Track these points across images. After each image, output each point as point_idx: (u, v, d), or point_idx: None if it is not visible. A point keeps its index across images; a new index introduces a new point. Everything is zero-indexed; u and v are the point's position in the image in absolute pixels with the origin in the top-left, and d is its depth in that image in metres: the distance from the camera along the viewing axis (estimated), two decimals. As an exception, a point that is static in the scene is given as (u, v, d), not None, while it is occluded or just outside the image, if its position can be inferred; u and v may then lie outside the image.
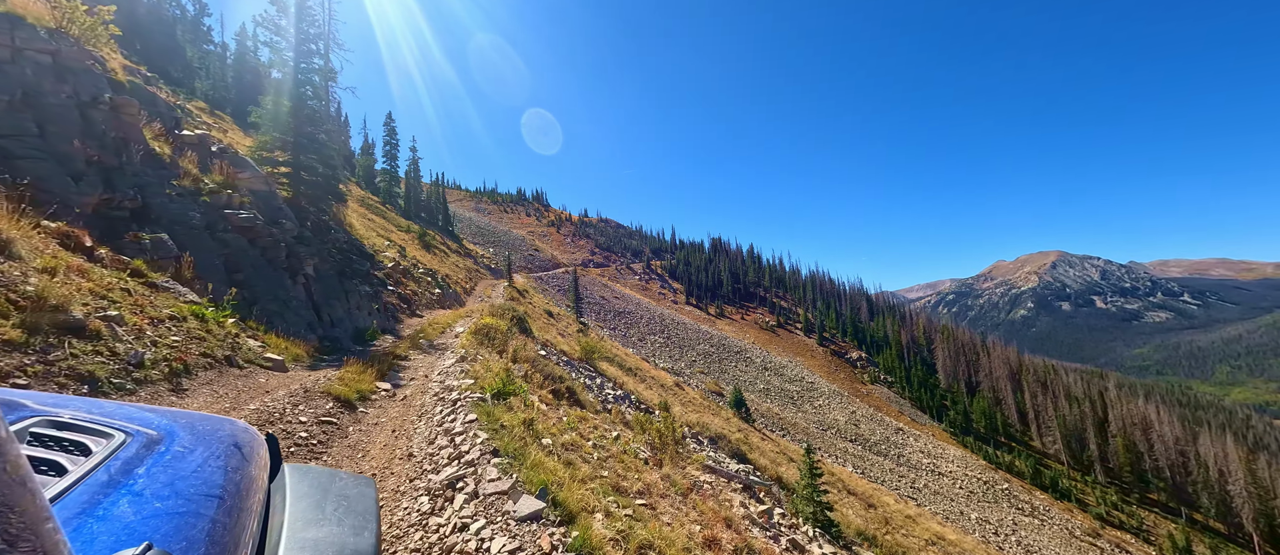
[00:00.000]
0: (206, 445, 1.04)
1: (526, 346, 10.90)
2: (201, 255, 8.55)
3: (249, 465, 1.07)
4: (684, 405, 19.81)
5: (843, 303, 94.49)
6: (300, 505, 1.14)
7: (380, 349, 10.75)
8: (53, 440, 0.86)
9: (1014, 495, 42.59)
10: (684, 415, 14.17)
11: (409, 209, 44.81)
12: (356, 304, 12.98)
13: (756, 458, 13.31)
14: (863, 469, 34.54)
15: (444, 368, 8.61)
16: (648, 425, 8.51)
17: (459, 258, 40.82)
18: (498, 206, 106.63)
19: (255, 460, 1.12)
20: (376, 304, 14.47)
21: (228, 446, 1.08)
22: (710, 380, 44.00)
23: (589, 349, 15.71)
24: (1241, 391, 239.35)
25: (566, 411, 7.69)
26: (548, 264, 76.36)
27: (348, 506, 1.15)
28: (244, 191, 10.91)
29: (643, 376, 21.64)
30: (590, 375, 13.35)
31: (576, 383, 10.11)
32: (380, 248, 21.37)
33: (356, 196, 31.65)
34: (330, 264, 12.52)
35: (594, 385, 11.92)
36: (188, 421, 1.14)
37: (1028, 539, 33.28)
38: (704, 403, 24.02)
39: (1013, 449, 57.37)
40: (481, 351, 9.50)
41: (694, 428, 13.46)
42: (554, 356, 12.74)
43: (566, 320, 28.74)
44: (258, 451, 1.18)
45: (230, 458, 1.04)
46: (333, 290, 12.02)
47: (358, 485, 1.25)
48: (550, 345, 13.77)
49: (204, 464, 0.96)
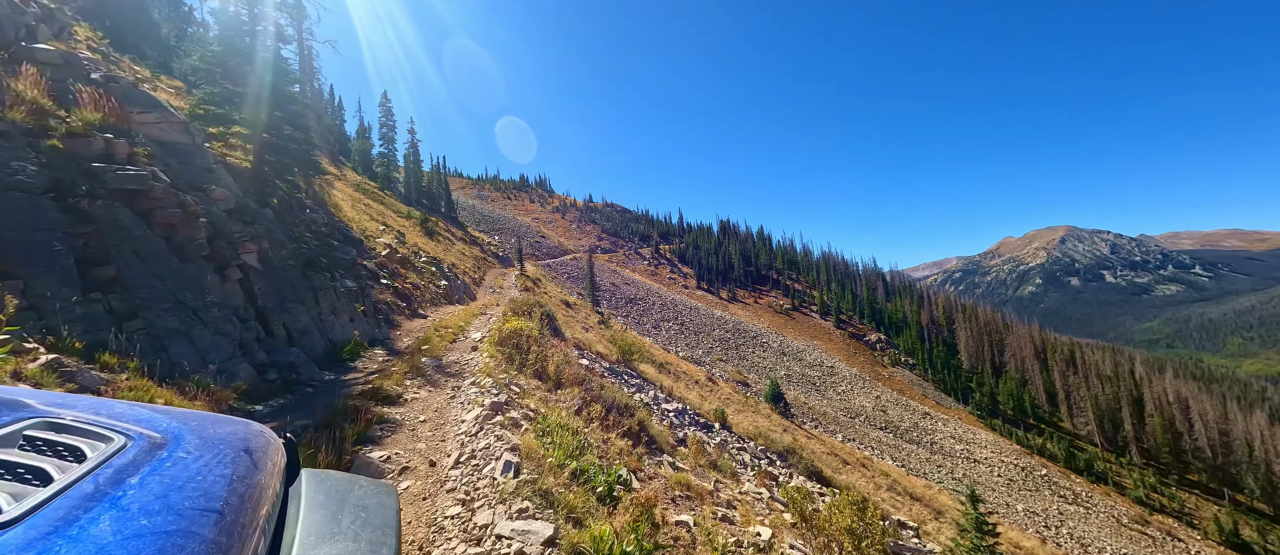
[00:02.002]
0: (214, 450, 0.93)
1: (569, 360, 8.60)
2: (25, 234, 5.47)
3: (258, 474, 0.96)
4: (722, 401, 17.62)
5: (857, 283, 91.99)
6: (315, 516, 1.01)
7: (361, 379, 7.74)
8: (47, 444, 0.78)
9: (1054, 482, 40.64)
10: (742, 423, 11.96)
11: (409, 195, 42.32)
12: (333, 306, 9.98)
13: (842, 478, 11.16)
14: (902, 460, 32.53)
15: (465, 427, 5.48)
16: (806, 509, 5.53)
17: (465, 245, 38.47)
18: (501, 193, 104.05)
19: (267, 468, 1.00)
20: (364, 304, 11.55)
21: (237, 452, 0.97)
22: (733, 369, 41.89)
23: (626, 350, 13.54)
24: (1253, 363, 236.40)
25: (663, 479, 5.32)
26: (555, 250, 74.10)
27: (366, 519, 1.03)
28: (140, 140, 7.63)
29: (675, 372, 19.41)
30: (631, 379, 11.12)
31: (638, 405, 7.84)
32: (373, 233, 18.78)
33: (352, 182, 29.18)
34: (293, 252, 9.59)
35: (655, 406, 9.64)
36: (199, 423, 1.03)
37: (1078, 530, 31.35)
38: (740, 398, 21.85)
39: (1043, 431, 55.36)
40: (516, 378, 7.22)
41: (755, 440, 11.25)
42: (588, 359, 10.47)
43: (584, 310, 26.50)
44: (272, 458, 1.06)
45: (238, 465, 0.93)
46: (293, 288, 8.94)
47: (378, 494, 1.12)
48: (584, 347, 11.50)
49: (206, 472, 0.85)
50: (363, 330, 10.63)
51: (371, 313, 11.76)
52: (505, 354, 8.34)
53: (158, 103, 8.82)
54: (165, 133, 8.39)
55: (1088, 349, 70.97)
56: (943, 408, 57.37)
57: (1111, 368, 62.68)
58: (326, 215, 13.56)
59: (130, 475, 0.75)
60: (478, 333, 10.96)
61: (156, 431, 0.93)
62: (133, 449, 0.83)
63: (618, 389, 7.92)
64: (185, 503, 0.74)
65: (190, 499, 0.76)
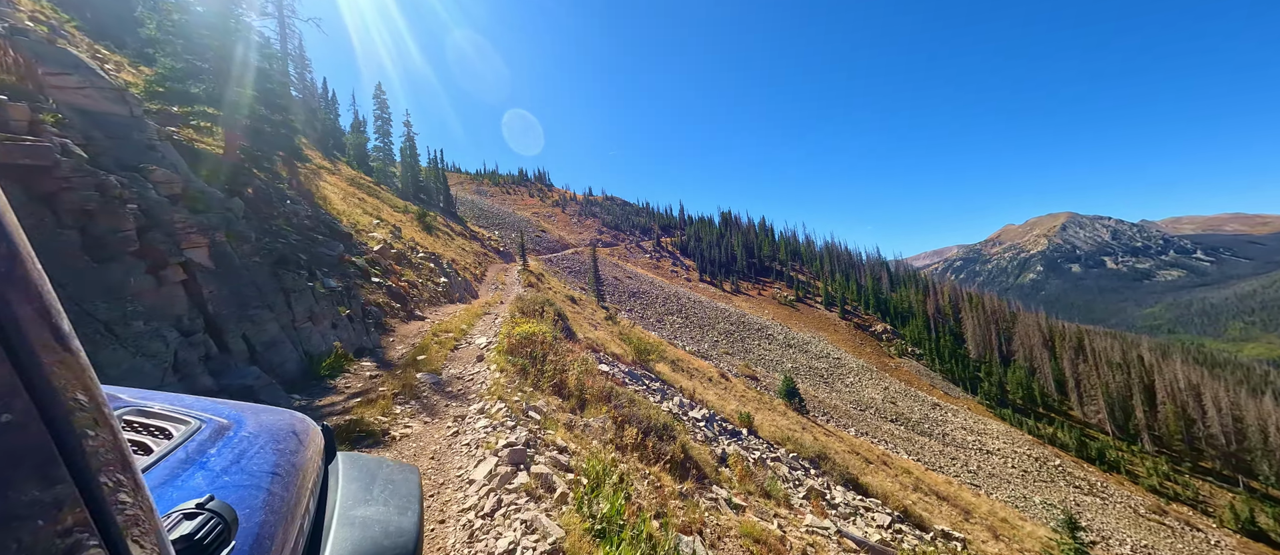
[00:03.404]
0: (268, 432, 1.16)
1: (590, 369, 7.67)
2: None
3: (304, 449, 1.18)
4: (739, 400, 16.79)
5: (862, 274, 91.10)
6: (351, 487, 1.23)
7: (339, 405, 6.48)
8: (142, 426, 1.01)
9: (1067, 472, 40.01)
10: (765, 425, 11.12)
11: (406, 190, 41.28)
12: (310, 311, 8.47)
13: (868, 479, 10.34)
14: (917, 454, 31.82)
15: (475, 494, 4.20)
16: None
17: (465, 241, 37.52)
18: (500, 188, 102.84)
19: (310, 446, 1.23)
20: (350, 307, 10.04)
21: (287, 433, 1.20)
22: (740, 363, 41.11)
23: (641, 349, 12.70)
24: (1255, 347, 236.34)
25: (731, 536, 4.29)
26: (555, 245, 73.13)
27: (393, 490, 1.23)
28: (51, 106, 6.35)
29: (687, 369, 18.55)
30: (650, 381, 10.25)
31: (675, 423, 6.86)
32: (365, 227, 17.74)
33: (346, 176, 28.17)
34: (260, 247, 8.14)
35: (684, 415, 8.74)
36: (253, 412, 1.27)
37: (1097, 522, 30.71)
38: (755, 395, 21.04)
39: (1053, 420, 54.76)
40: (533, 396, 6.23)
41: (784, 445, 10.42)
42: (606, 363, 9.61)
43: (590, 306, 25.63)
44: (313, 439, 1.28)
45: (288, 442, 1.15)
46: (259, 291, 7.49)
47: (402, 472, 1.34)
48: (599, 348, 10.61)
49: (265, 447, 1.08)
50: (348, 338, 9.26)
51: (360, 316, 10.37)
52: (517, 366, 7.27)
53: (82, 64, 7.26)
54: (91, 101, 6.94)
55: (1095, 336, 70.27)
56: (951, 398, 56.74)
57: (1120, 355, 61.96)
58: (312, 207, 12.46)
59: (209, 447, 0.99)
60: (483, 337, 9.90)
61: (221, 417, 1.15)
62: (206, 429, 1.06)
63: (649, 402, 6.92)
64: (252, 467, 0.97)
65: (256, 464, 0.99)
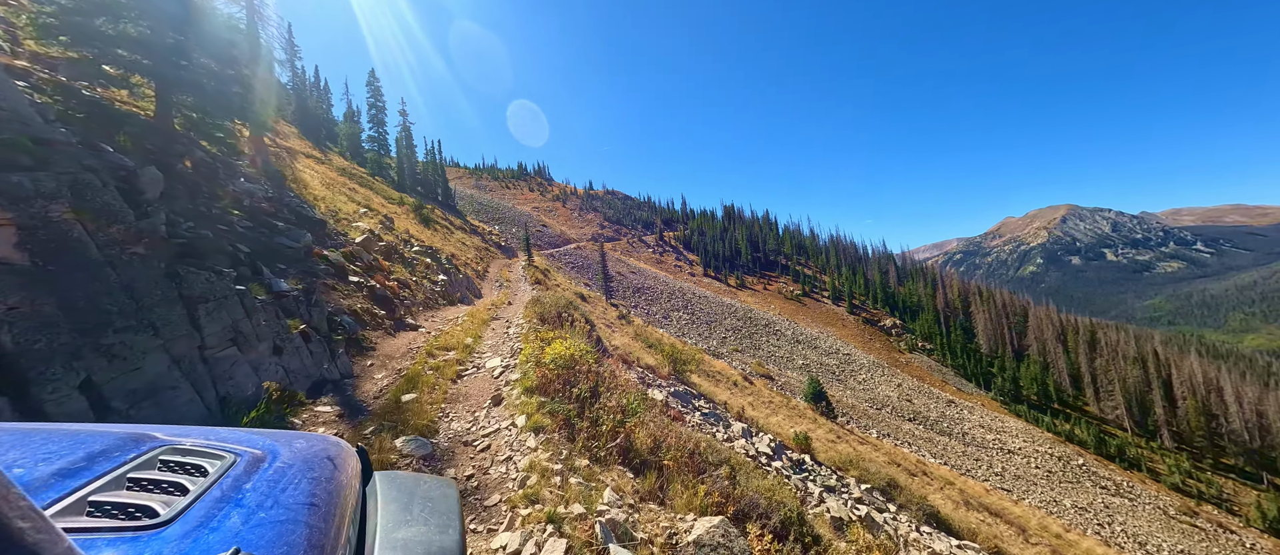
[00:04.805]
0: (303, 460, 1.14)
1: (649, 402, 5.75)
2: None
3: (340, 474, 1.16)
4: (766, 406, 15.20)
5: (868, 267, 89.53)
6: (390, 508, 1.21)
7: None
8: (177, 464, 0.99)
9: (1092, 472, 38.65)
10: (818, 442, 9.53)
11: (402, 182, 39.41)
12: (233, 331, 5.91)
13: (948, 513, 8.76)
14: (942, 456, 30.36)
15: None
16: None
17: (465, 235, 35.75)
18: (499, 183, 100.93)
19: (346, 470, 1.21)
20: (309, 318, 7.52)
21: (322, 459, 1.17)
22: (753, 361, 39.56)
23: (677, 359, 11.05)
24: (1255, 338, 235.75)
25: None
26: (557, 240, 71.42)
27: (432, 508, 1.22)
28: None
29: (709, 372, 16.92)
30: (696, 400, 8.61)
31: (779, 488, 4.89)
32: (349, 215, 15.86)
33: (337, 166, 26.33)
34: (160, 236, 5.53)
35: (749, 444, 7.03)
36: (287, 440, 1.24)
37: (1130, 526, 29.34)
38: (781, 400, 19.46)
39: (1070, 416, 53.43)
40: (593, 477, 4.11)
41: (846, 470, 8.82)
42: (636, 372, 7.96)
43: (600, 304, 23.98)
44: (349, 463, 1.26)
45: (323, 469, 1.13)
46: (135, 304, 4.80)
47: (441, 488, 1.33)
48: (632, 361, 8.90)
49: (300, 476, 1.06)
50: (300, 367, 6.64)
51: (324, 331, 7.66)
52: (558, 417, 5.02)
53: None
54: None
55: (1108, 329, 68.90)
56: (965, 394, 55.37)
57: (1135, 349, 60.58)
58: (278, 190, 10.53)
59: (245, 482, 0.97)
60: (496, 357, 7.63)
61: (256, 448, 1.13)
62: (241, 463, 1.04)
63: (750, 465, 5.07)
64: (289, 499, 0.95)
65: (292, 496, 0.97)
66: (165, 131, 7.29)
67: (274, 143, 19.84)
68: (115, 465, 0.93)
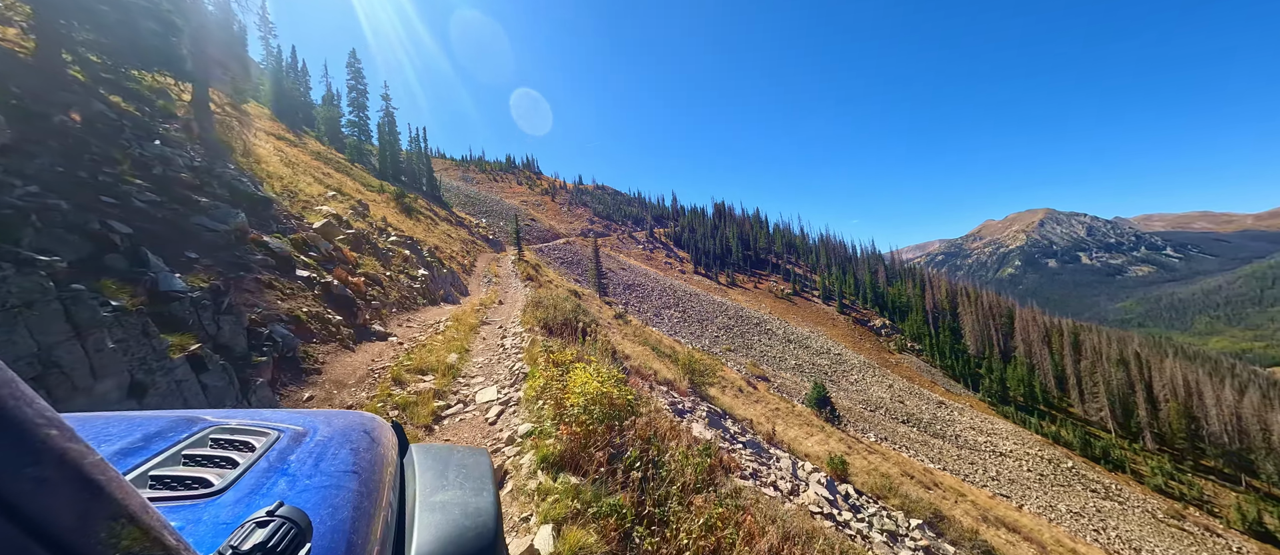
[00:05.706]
0: (342, 434, 1.21)
1: (717, 484, 3.27)
2: None
3: (378, 446, 1.23)
4: (772, 414, 14.16)
5: (858, 267, 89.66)
6: (426, 476, 1.28)
7: None
8: (227, 442, 1.07)
9: (1082, 475, 38.75)
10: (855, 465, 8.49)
11: (385, 170, 37.46)
12: (32, 364, 3.65)
13: (987, 534, 7.86)
14: (941, 460, 29.86)
15: None
16: None
17: (450, 227, 34.04)
18: (486, 175, 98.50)
19: (383, 442, 1.28)
20: (213, 330, 5.44)
21: (359, 432, 1.24)
22: (747, 361, 38.70)
23: (694, 370, 9.92)
24: (1220, 341, 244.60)
25: None
26: (546, 234, 69.73)
27: (466, 473, 1.29)
28: None
29: (719, 379, 15.79)
30: (722, 420, 7.47)
31: None
32: (310, 197, 13.83)
33: (311, 150, 24.51)
34: None
35: (795, 477, 5.89)
36: (325, 417, 1.31)
37: (1124, 530, 29.25)
38: (785, 406, 18.48)
39: (1055, 418, 53.91)
40: None
41: (886, 498, 7.80)
42: (661, 394, 6.78)
43: (594, 302, 22.71)
44: (385, 436, 1.33)
45: (361, 441, 1.20)
46: None
47: (473, 456, 1.39)
48: (648, 374, 7.66)
49: (340, 448, 1.13)
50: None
51: (242, 352, 5.61)
52: (606, 526, 2.94)
53: None
54: None
55: (1091, 332, 69.93)
56: (954, 395, 55.49)
57: (1118, 351, 61.46)
58: (214, 160, 8.50)
59: (289, 454, 1.04)
60: (490, 388, 5.81)
61: (297, 425, 1.20)
62: (284, 438, 1.11)
63: None
64: (330, 468, 1.03)
65: (333, 465, 1.04)
66: (49, 74, 5.79)
67: (228, 111, 17.61)
68: (171, 444, 1.00)
